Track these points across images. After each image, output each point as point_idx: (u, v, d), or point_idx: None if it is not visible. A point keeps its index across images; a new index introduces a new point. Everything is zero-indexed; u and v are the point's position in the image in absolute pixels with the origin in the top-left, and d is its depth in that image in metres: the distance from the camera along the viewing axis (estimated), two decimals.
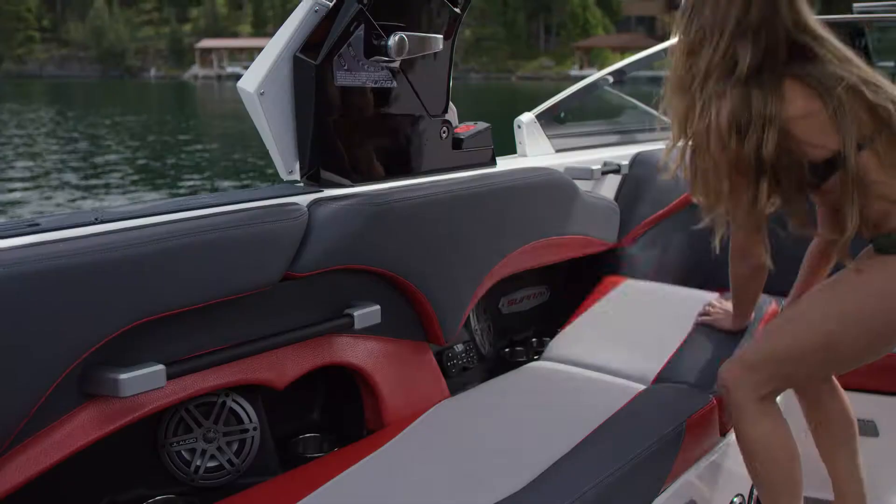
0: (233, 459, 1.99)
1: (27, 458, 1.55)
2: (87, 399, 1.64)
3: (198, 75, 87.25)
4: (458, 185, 2.35)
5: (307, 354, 2.02)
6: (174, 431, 1.93)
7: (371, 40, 2.13)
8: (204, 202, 1.90)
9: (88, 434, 1.63)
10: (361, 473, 1.86)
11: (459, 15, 2.38)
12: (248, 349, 1.88)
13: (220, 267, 1.77)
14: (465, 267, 2.36)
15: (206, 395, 1.93)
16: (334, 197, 2.07)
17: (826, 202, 2.12)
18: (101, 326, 1.59)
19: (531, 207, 2.55)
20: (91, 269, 1.56)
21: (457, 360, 2.51)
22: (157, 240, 1.67)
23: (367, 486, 1.82)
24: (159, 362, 1.67)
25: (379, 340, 2.17)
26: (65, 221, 1.69)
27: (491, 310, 2.69)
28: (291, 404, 2.20)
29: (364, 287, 2.13)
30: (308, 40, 2.05)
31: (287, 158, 2.10)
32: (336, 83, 2.09)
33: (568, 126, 3.21)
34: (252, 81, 2.01)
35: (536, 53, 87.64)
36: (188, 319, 1.76)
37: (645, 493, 1.99)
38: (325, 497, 1.77)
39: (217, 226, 1.78)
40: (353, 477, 1.85)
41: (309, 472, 1.89)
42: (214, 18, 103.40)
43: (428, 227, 2.22)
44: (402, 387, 2.20)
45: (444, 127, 2.43)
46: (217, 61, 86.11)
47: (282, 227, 1.88)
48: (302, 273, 1.94)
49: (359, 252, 2.05)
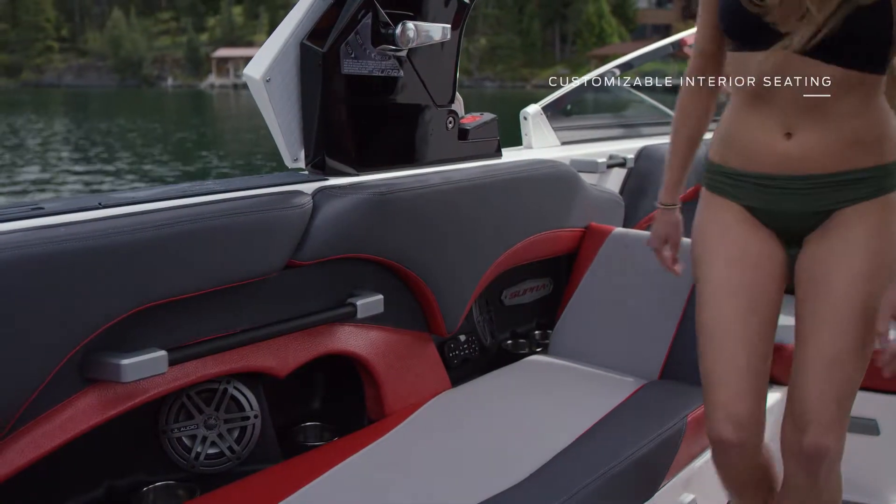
0: (233, 447, 1.98)
1: (28, 441, 1.55)
2: (89, 384, 1.64)
3: (214, 84, 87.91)
4: (463, 175, 2.34)
5: (309, 343, 2.02)
6: (175, 418, 1.92)
7: (378, 29, 2.12)
8: (208, 189, 1.90)
9: (89, 419, 1.63)
10: (362, 463, 1.86)
11: (468, 5, 2.37)
12: (251, 336, 1.87)
13: (224, 254, 1.77)
14: (469, 258, 2.35)
15: (208, 381, 1.92)
16: (339, 186, 2.06)
17: None
18: (103, 311, 1.59)
19: (536, 199, 2.54)
20: (94, 254, 1.56)
21: (459, 352, 2.50)
22: (161, 226, 1.67)
23: (367, 475, 1.81)
24: (161, 348, 1.66)
25: (381, 330, 2.16)
26: (68, 206, 1.69)
27: (493, 301, 2.68)
28: (293, 392, 2.19)
29: (367, 276, 2.13)
30: (315, 27, 2.05)
31: (292, 146, 2.10)
32: (343, 71, 2.09)
33: (574, 119, 3.21)
34: (258, 68, 2.01)
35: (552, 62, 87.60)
36: (191, 306, 1.76)
37: (645, 488, 1.98)
38: (326, 486, 1.76)
39: (221, 212, 1.78)
40: (354, 466, 1.84)
41: (309, 461, 1.88)
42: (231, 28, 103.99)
43: (432, 218, 2.21)
44: (403, 377, 2.19)
45: (450, 117, 2.42)
46: (233, 70, 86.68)
47: (286, 214, 1.88)
48: (305, 261, 1.93)
49: (362, 241, 2.05)
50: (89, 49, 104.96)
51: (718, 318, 1.86)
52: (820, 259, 1.81)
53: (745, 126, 1.82)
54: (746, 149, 1.83)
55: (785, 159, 1.78)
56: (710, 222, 1.92)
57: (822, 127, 1.74)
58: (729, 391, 1.84)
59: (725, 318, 1.86)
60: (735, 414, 1.84)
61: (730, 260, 1.88)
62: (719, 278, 1.88)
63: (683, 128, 2.03)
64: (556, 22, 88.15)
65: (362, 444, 1.93)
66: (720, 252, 1.89)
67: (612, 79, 3.37)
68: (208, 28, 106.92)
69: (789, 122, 1.76)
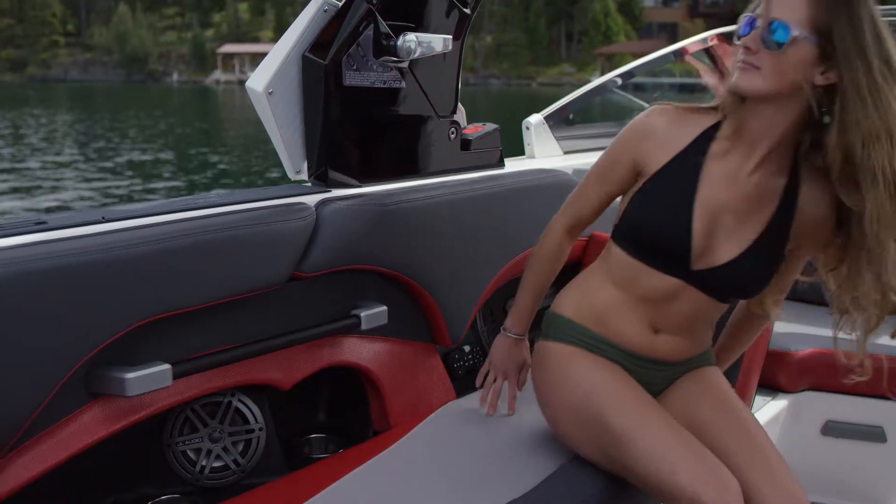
0: (238, 459, 1.99)
1: (33, 456, 1.55)
2: (94, 398, 1.64)
3: (220, 80, 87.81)
4: (465, 186, 2.34)
5: (314, 355, 2.02)
6: (180, 431, 1.93)
7: (380, 40, 2.12)
8: (211, 201, 1.90)
9: (94, 433, 1.63)
10: (367, 475, 1.86)
11: (469, 16, 2.38)
12: (255, 349, 1.88)
13: (227, 266, 1.77)
14: (473, 268, 2.35)
15: (212, 394, 1.93)
16: (342, 197, 2.06)
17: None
18: (107, 325, 1.59)
19: (539, 209, 2.54)
20: (98, 268, 1.57)
21: (463, 362, 2.50)
22: (164, 239, 1.68)
23: (372, 487, 1.81)
24: (165, 362, 1.67)
25: (385, 341, 2.17)
26: (72, 220, 1.69)
27: (498, 311, 2.68)
28: (297, 405, 2.20)
29: (371, 288, 2.13)
30: (317, 40, 2.05)
31: (295, 158, 2.10)
32: (345, 83, 2.09)
33: (576, 128, 3.20)
34: (261, 81, 2.01)
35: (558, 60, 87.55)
36: (195, 319, 1.77)
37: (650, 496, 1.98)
38: (331, 498, 1.76)
39: (224, 225, 1.78)
40: (359, 478, 1.84)
41: (314, 473, 1.88)
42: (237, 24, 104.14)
43: (435, 228, 2.22)
44: (408, 388, 2.19)
45: (452, 128, 2.42)
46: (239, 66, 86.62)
47: (289, 226, 1.88)
48: (309, 273, 1.94)
49: (366, 252, 2.05)
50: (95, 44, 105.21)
51: (638, 409, 1.81)
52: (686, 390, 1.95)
53: (616, 312, 1.90)
54: (615, 331, 1.90)
55: (651, 350, 1.90)
56: (576, 359, 1.91)
57: (685, 331, 1.91)
58: (698, 457, 1.72)
59: (643, 405, 1.82)
60: (717, 469, 1.72)
61: (613, 371, 1.89)
62: (608, 380, 1.86)
63: (543, 272, 2.10)
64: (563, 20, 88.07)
65: (368, 456, 1.93)
66: (598, 370, 1.88)
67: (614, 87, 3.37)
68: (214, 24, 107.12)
69: (658, 324, 1.89)
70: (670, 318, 1.87)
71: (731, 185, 1.79)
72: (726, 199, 1.79)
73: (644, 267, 1.85)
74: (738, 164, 1.79)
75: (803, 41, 1.63)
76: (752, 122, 1.75)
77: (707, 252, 1.81)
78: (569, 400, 1.87)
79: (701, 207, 1.79)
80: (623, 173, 1.89)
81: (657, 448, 1.72)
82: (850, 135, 1.64)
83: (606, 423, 1.78)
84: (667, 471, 1.69)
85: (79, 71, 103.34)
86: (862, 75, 1.62)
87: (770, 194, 1.80)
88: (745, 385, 2.33)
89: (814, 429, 2.99)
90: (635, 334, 1.89)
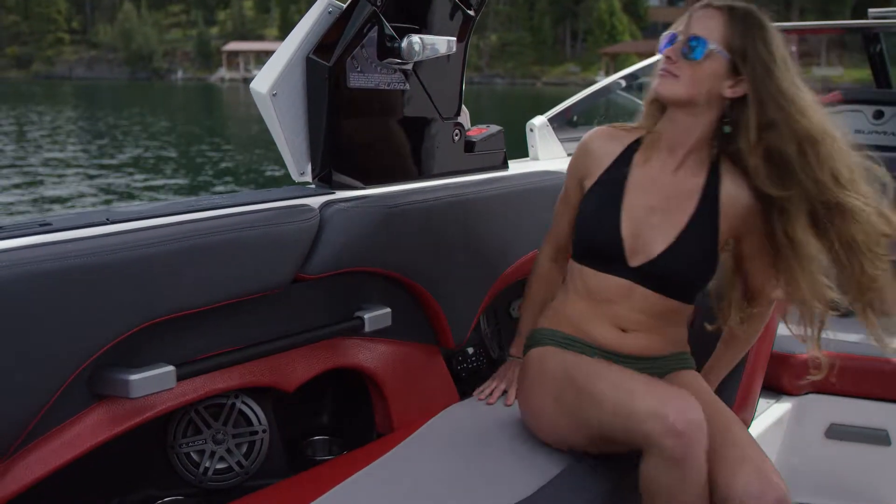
0: (242, 461, 1.99)
1: (37, 457, 1.56)
2: (97, 400, 1.65)
3: (224, 78, 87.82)
4: (469, 188, 2.34)
5: (317, 357, 2.02)
6: (183, 433, 1.93)
7: (384, 42, 2.12)
8: (215, 203, 1.90)
9: (98, 435, 1.63)
10: (370, 477, 1.86)
11: (473, 17, 2.37)
12: (258, 351, 1.88)
13: (231, 268, 1.77)
14: (476, 270, 2.35)
15: (216, 396, 1.93)
16: (346, 199, 2.06)
17: None
18: (111, 327, 1.59)
19: (543, 211, 2.54)
20: (102, 270, 1.57)
21: (467, 364, 2.50)
22: (168, 241, 1.68)
23: (376, 489, 1.81)
24: (169, 363, 1.67)
25: (389, 343, 2.17)
26: (76, 221, 1.69)
27: (501, 313, 2.68)
28: (301, 407, 2.20)
29: (375, 290, 2.13)
30: (321, 42, 2.05)
31: (299, 160, 2.10)
32: (349, 85, 2.09)
33: (580, 129, 3.20)
34: (265, 82, 2.01)
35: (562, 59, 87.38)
36: (198, 321, 1.77)
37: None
38: (334, 501, 1.76)
39: (228, 227, 1.78)
40: (362, 480, 1.84)
41: (318, 475, 1.89)
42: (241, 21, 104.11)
43: (439, 230, 2.22)
44: (411, 390, 2.19)
45: (456, 130, 2.43)
46: (244, 64, 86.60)
47: (293, 228, 1.88)
48: (313, 275, 1.94)
49: (370, 254, 2.05)
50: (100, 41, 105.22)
51: (604, 364, 1.93)
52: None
53: (585, 317, 2.03)
54: (586, 332, 2.03)
55: (621, 346, 2.02)
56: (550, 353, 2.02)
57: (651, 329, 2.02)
58: (660, 385, 1.80)
59: (610, 364, 1.94)
60: (680, 392, 1.77)
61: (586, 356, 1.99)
62: (582, 360, 1.96)
63: (538, 295, 2.25)
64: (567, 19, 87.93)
65: (371, 458, 1.93)
66: (570, 355, 1.99)
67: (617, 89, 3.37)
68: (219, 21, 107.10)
69: (622, 324, 2.01)
70: (632, 317, 2.00)
71: (654, 188, 1.99)
72: (650, 201, 1.98)
73: (592, 271, 2.02)
74: (658, 169, 2.00)
75: (718, 55, 1.87)
76: (670, 129, 1.98)
77: (640, 249, 1.97)
78: (550, 386, 1.96)
79: (627, 210, 1.98)
80: (578, 193, 2.10)
81: (621, 383, 1.81)
82: (770, 138, 1.86)
83: (572, 378, 1.91)
84: (627, 398, 1.76)
85: (84, 68, 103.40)
86: (776, 90, 1.85)
87: (691, 191, 1.98)
88: (748, 388, 2.33)
89: (818, 432, 2.99)
90: (605, 334, 2.02)
